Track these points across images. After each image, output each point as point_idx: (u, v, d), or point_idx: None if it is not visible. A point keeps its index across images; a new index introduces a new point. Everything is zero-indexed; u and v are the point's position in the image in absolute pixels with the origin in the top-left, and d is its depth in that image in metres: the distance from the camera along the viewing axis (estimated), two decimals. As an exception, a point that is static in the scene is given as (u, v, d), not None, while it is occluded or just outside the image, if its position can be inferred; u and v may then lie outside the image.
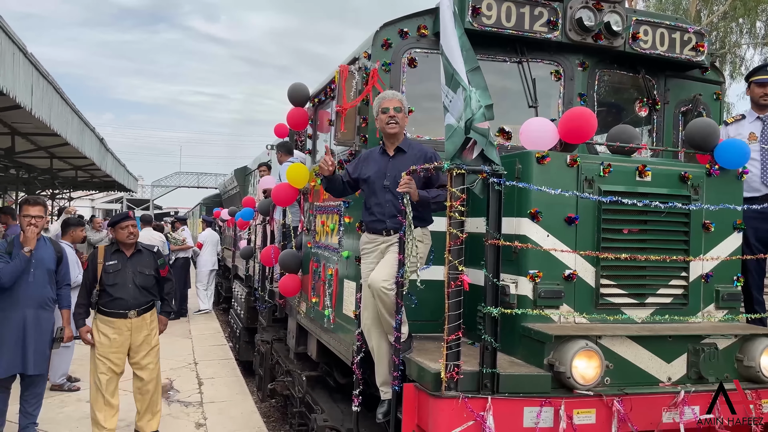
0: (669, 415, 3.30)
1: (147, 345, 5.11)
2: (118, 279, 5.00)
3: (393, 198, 3.74)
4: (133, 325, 5.02)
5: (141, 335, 5.07)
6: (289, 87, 5.67)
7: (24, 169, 19.60)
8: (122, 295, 4.98)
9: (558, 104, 4.46)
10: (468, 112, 3.13)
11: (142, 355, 5.09)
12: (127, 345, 5.03)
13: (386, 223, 3.79)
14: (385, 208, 3.79)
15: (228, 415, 6.08)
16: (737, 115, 4.94)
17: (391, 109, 3.76)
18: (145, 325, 5.11)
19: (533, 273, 3.44)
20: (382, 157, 3.89)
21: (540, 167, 3.48)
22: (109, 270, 5.00)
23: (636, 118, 4.82)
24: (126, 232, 5.07)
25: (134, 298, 5.03)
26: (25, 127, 11.88)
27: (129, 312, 5.00)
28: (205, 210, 20.02)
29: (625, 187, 3.58)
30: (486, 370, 3.09)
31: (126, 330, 5.00)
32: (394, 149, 3.85)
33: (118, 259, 5.07)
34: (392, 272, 3.59)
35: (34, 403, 4.99)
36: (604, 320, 3.53)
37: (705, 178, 3.79)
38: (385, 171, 3.82)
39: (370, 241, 3.90)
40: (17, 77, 7.48)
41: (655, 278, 3.67)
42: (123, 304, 4.99)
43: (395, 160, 3.84)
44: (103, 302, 5.00)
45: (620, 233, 3.59)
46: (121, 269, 5.03)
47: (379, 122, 3.82)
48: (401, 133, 3.85)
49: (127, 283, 5.02)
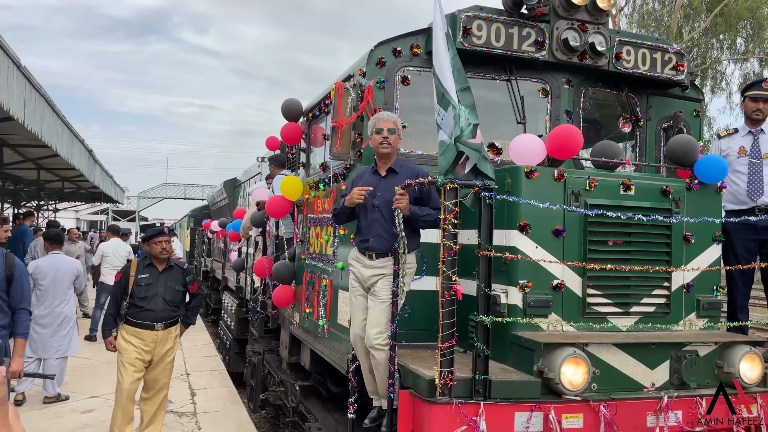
0: (653, 419, 3.44)
1: (167, 357, 5.19)
2: (150, 292, 5.08)
3: (381, 218, 3.82)
4: (159, 337, 5.09)
5: (164, 348, 5.14)
6: (283, 102, 5.79)
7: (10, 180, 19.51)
8: (152, 307, 5.06)
9: (545, 120, 4.63)
10: (457, 129, 3.29)
11: (160, 367, 5.16)
12: (149, 357, 5.10)
13: (369, 241, 3.85)
14: (371, 227, 3.86)
15: (222, 425, 6.13)
16: (731, 129, 5.14)
17: (385, 129, 3.85)
18: (170, 339, 5.19)
19: (523, 283, 3.58)
20: (374, 177, 3.97)
21: (529, 181, 3.63)
22: (141, 283, 5.08)
23: (619, 133, 5.01)
24: (159, 247, 5.15)
25: (162, 311, 5.10)
26: (14, 138, 11.88)
27: (156, 324, 5.07)
28: (194, 221, 20.01)
29: (610, 201, 3.74)
30: (478, 377, 3.22)
31: (152, 342, 5.07)
32: (386, 169, 3.94)
33: (150, 273, 5.15)
34: (384, 321, 3.67)
35: None
36: (591, 328, 3.67)
37: (685, 192, 3.96)
38: (376, 191, 3.90)
39: (357, 259, 3.97)
40: (11, 90, 7.54)
41: (639, 288, 3.83)
42: (152, 316, 5.06)
43: (386, 180, 3.91)
44: (131, 313, 5.07)
45: (605, 245, 3.75)
46: (152, 283, 5.11)
47: (373, 142, 3.90)
48: (394, 154, 3.94)
49: (158, 297, 5.10)
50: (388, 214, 3.80)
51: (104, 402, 6.70)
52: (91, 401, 6.74)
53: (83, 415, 6.23)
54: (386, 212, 3.81)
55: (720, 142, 4.99)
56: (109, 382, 7.35)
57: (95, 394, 6.99)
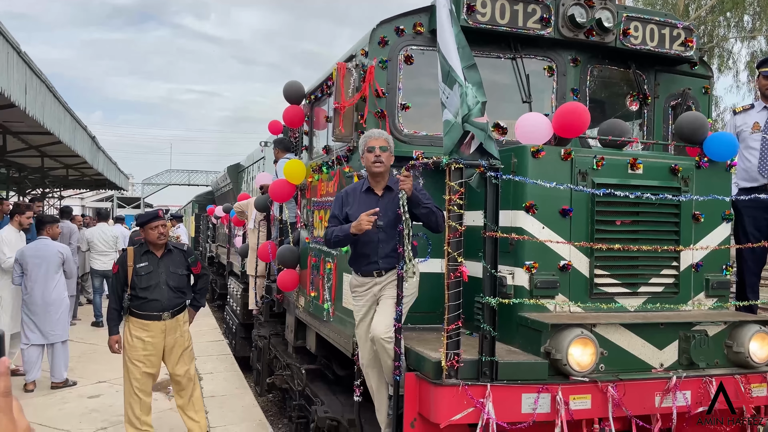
0: (661, 399, 3.41)
1: (180, 345, 5.02)
2: (151, 281, 4.83)
3: (387, 237, 3.76)
4: (168, 326, 4.91)
5: (174, 336, 4.97)
6: (284, 85, 5.73)
7: (14, 168, 19.52)
8: (156, 296, 4.84)
9: (551, 99, 4.56)
10: (464, 108, 3.22)
11: (176, 356, 5.00)
12: (161, 347, 4.92)
13: (378, 264, 3.79)
14: (378, 249, 3.79)
15: (229, 408, 6.15)
16: (747, 104, 5.07)
17: (377, 148, 3.76)
18: (178, 326, 5.00)
19: (529, 264, 3.54)
20: (369, 197, 3.87)
21: (535, 161, 3.57)
22: (141, 272, 4.83)
23: (627, 112, 4.93)
24: (156, 232, 4.86)
25: (168, 299, 4.88)
26: (17, 126, 11.85)
27: (163, 314, 4.87)
28: (198, 207, 20.00)
29: (618, 180, 3.68)
30: (485, 359, 3.19)
31: (160, 332, 4.88)
32: (383, 188, 3.86)
33: (149, 260, 4.89)
34: (392, 321, 3.62)
35: None
36: (598, 309, 3.63)
37: (694, 170, 3.90)
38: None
39: (360, 284, 3.90)
40: (11, 77, 7.49)
41: (647, 268, 3.78)
42: (157, 306, 4.85)
43: (384, 199, 3.84)
44: (136, 305, 4.84)
45: (613, 224, 3.70)
46: (153, 271, 4.86)
47: (365, 161, 3.82)
48: (387, 173, 3.86)
49: (161, 284, 4.86)
50: (392, 231, 3.74)
51: (110, 387, 6.73)
52: (97, 386, 6.78)
53: (90, 400, 6.26)
54: (390, 230, 3.76)
55: (735, 118, 4.93)
56: (115, 368, 7.38)
57: (102, 380, 7.02)
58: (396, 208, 3.72)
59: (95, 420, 5.51)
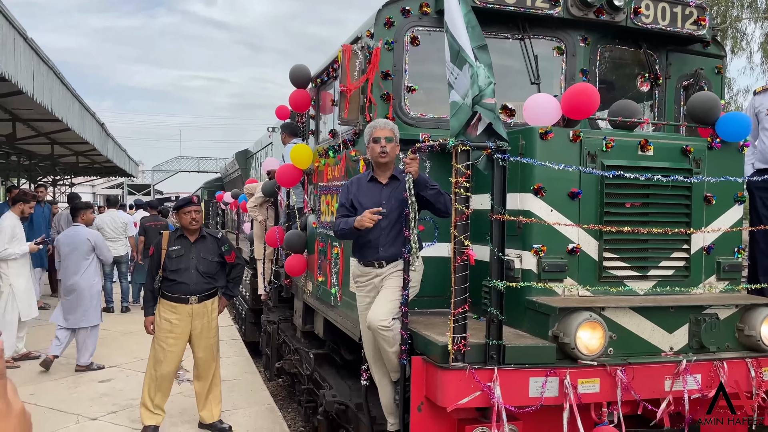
0: (671, 383, 3.38)
1: (207, 331, 5.05)
2: (181, 264, 4.94)
3: (389, 225, 3.75)
4: (195, 311, 4.97)
5: (201, 322, 5.01)
6: (290, 68, 5.68)
7: (25, 156, 19.61)
8: (185, 280, 4.93)
9: (560, 80, 4.48)
10: (475, 89, 3.16)
11: (201, 342, 5.05)
12: (188, 331, 4.98)
13: (379, 252, 3.77)
14: (381, 237, 3.77)
15: (238, 393, 6.18)
16: (766, 85, 4.98)
17: (382, 139, 3.74)
18: (206, 312, 5.05)
19: (537, 247, 3.50)
20: (374, 186, 3.86)
21: (543, 143, 3.52)
22: (173, 255, 4.95)
23: (638, 93, 4.84)
24: (188, 217, 4.97)
25: (196, 284, 4.96)
26: (26, 113, 11.88)
27: (191, 297, 4.94)
28: (207, 194, 20.06)
29: (628, 162, 3.63)
30: (492, 342, 3.16)
31: (187, 316, 4.95)
32: (389, 177, 3.84)
33: (181, 244, 5.01)
34: (390, 308, 3.62)
35: None
36: (607, 292, 3.59)
37: (706, 151, 3.83)
38: (380, 199, 3.81)
39: (362, 274, 3.89)
40: (18, 63, 7.48)
41: (657, 251, 3.73)
42: (185, 290, 4.93)
43: (389, 187, 3.83)
44: (166, 287, 4.97)
45: (623, 207, 3.64)
46: (184, 255, 4.97)
47: (370, 151, 3.80)
48: (392, 163, 3.85)
49: (190, 268, 4.95)
50: (396, 219, 3.75)
51: (121, 371, 6.79)
52: (108, 371, 6.83)
53: (101, 384, 6.31)
54: (394, 218, 3.76)
55: (754, 99, 4.85)
56: (125, 353, 7.46)
57: (113, 364, 7.08)
58: (400, 197, 3.71)
59: (106, 404, 5.56)
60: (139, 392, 5.97)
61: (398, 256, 3.75)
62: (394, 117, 4.15)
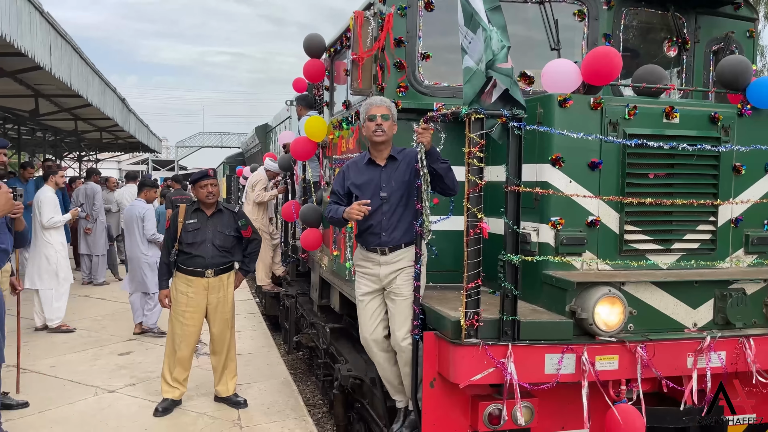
0: (694, 360, 3.25)
1: (222, 306, 5.03)
2: (197, 238, 4.90)
3: (390, 209, 3.65)
4: (210, 284, 4.95)
5: (217, 296, 5.00)
6: (304, 38, 5.55)
7: (50, 132, 19.84)
8: (200, 253, 4.90)
9: (582, 46, 4.29)
10: (488, 53, 3.01)
11: (216, 316, 5.03)
12: (204, 305, 4.97)
13: (381, 238, 3.66)
14: (382, 222, 3.67)
15: (254, 366, 6.20)
16: None
17: (378, 116, 3.61)
18: (222, 286, 5.01)
19: (555, 220, 3.37)
20: (372, 168, 3.74)
21: (562, 111, 3.37)
22: (189, 228, 4.91)
23: (664, 59, 4.62)
24: (205, 191, 4.92)
25: (212, 257, 4.92)
26: (47, 88, 11.94)
27: (206, 271, 4.92)
28: (229, 169, 20.13)
29: (652, 130, 3.46)
30: (506, 318, 3.07)
31: (203, 289, 4.93)
32: (386, 158, 3.72)
33: (198, 218, 4.96)
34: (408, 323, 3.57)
35: None
36: (628, 267, 3.46)
37: (736, 118, 3.63)
38: (379, 182, 3.69)
39: (365, 259, 3.78)
40: (35, 37, 7.46)
41: (682, 223, 3.57)
42: (200, 263, 4.91)
43: (388, 169, 3.71)
44: (181, 260, 4.95)
45: (646, 177, 3.49)
46: (200, 228, 4.93)
47: (366, 130, 3.68)
48: (389, 142, 3.71)
49: (206, 242, 4.92)
50: (397, 202, 3.65)
51: (141, 344, 6.86)
52: (127, 344, 6.90)
53: (120, 357, 6.38)
54: (395, 201, 3.65)
55: None
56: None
57: (132, 338, 7.16)
58: (401, 178, 3.63)
59: (124, 376, 5.61)
60: (157, 365, 6.03)
61: (402, 243, 3.66)
62: (408, 86, 4.02)
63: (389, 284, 3.69)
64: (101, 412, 4.94)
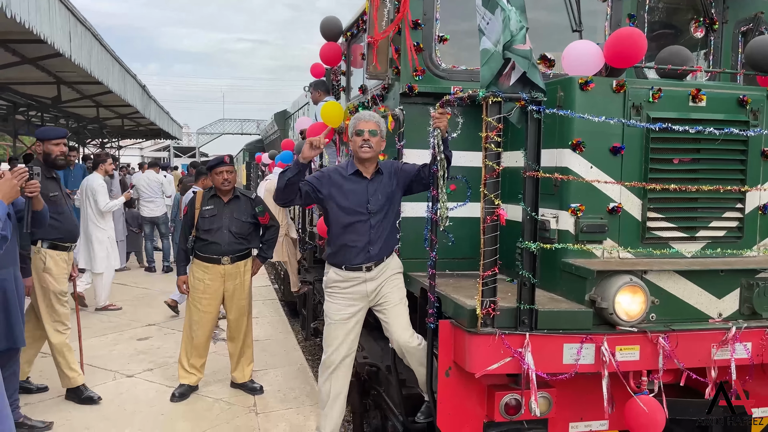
0: (718, 351, 3.15)
1: (240, 293, 5.01)
2: (214, 224, 4.88)
3: (378, 223, 3.63)
4: (227, 271, 4.93)
5: (234, 283, 4.97)
6: (321, 21, 5.48)
7: (73, 119, 20.04)
8: (217, 240, 4.87)
9: (605, 27, 4.16)
10: (506, 35, 2.91)
11: (233, 303, 5.02)
12: (220, 292, 4.95)
13: (369, 252, 3.62)
14: (370, 235, 3.62)
15: (271, 352, 6.22)
16: None
17: (366, 132, 3.57)
18: (239, 273, 4.99)
19: (575, 207, 3.27)
20: (358, 179, 3.68)
21: (583, 94, 3.26)
22: (206, 215, 4.89)
23: (691, 40, 4.47)
24: (221, 178, 4.89)
25: (228, 244, 4.89)
26: (69, 75, 12.03)
27: (223, 258, 4.90)
28: (248, 155, 20.18)
29: (677, 113, 3.33)
30: (524, 307, 3.00)
31: (219, 276, 4.91)
32: (373, 172, 3.69)
33: (214, 204, 4.93)
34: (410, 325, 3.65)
35: (15, 382, 4.24)
36: (651, 255, 3.35)
37: (765, 101, 3.49)
38: (367, 195, 3.65)
39: (345, 279, 3.71)
40: (54, 23, 7.48)
41: (708, 210, 3.46)
42: (217, 250, 4.88)
43: (375, 182, 3.67)
44: (198, 247, 4.93)
45: (670, 163, 3.37)
46: (217, 215, 4.90)
47: (353, 144, 3.63)
48: (375, 158, 3.67)
49: (223, 228, 4.89)
50: (383, 215, 3.64)
51: (159, 330, 6.91)
52: (147, 329, 6.96)
53: (139, 342, 6.44)
54: (382, 215, 3.64)
55: None
56: (165, 312, 7.59)
57: (151, 323, 7.22)
58: (387, 192, 3.63)
59: (143, 361, 5.66)
60: (176, 351, 6.07)
61: (384, 256, 3.69)
62: (424, 69, 3.93)
63: (375, 298, 3.70)
64: (119, 396, 4.98)
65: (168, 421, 4.53)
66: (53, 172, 4.77)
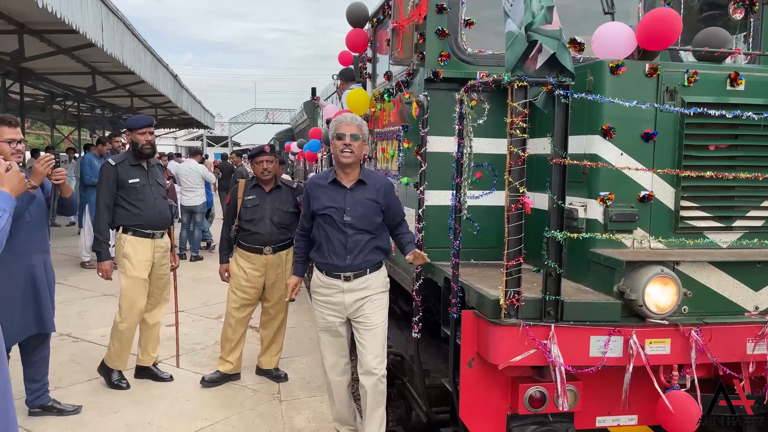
0: (755, 346, 3.02)
1: (280, 282, 4.98)
2: (256, 214, 4.87)
3: (357, 234, 3.56)
4: (269, 262, 4.89)
5: (276, 273, 4.95)
6: (347, 7, 5.42)
7: (108, 108, 20.42)
8: (259, 230, 4.86)
9: (638, 9, 4.01)
10: (528, 16, 2.81)
11: (273, 293, 5.01)
12: (262, 282, 4.95)
13: (345, 260, 3.56)
14: (346, 246, 3.55)
15: (296, 340, 6.23)
16: None
17: (347, 135, 3.47)
18: (281, 263, 4.95)
19: (604, 195, 3.17)
20: (336, 189, 3.60)
21: (614, 78, 3.14)
22: (248, 205, 4.88)
23: (730, 23, 4.27)
24: (260, 167, 4.86)
25: (270, 234, 4.86)
26: (103, 65, 12.23)
27: (264, 248, 4.87)
28: (278, 145, 20.29)
29: (714, 98, 3.19)
30: (549, 297, 2.91)
31: (262, 266, 4.90)
32: (354, 181, 3.59)
33: (256, 194, 4.92)
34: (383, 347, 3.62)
35: (45, 367, 4.32)
36: (684, 245, 3.22)
37: (809, 85, 3.32)
38: (344, 206, 3.56)
39: (324, 285, 3.67)
40: (86, 14, 7.58)
41: (745, 199, 3.31)
42: (259, 240, 4.85)
43: (355, 192, 3.58)
44: (241, 236, 4.93)
45: (706, 150, 3.24)
46: (258, 204, 4.89)
47: (333, 148, 3.54)
48: (357, 164, 3.57)
49: (264, 218, 4.86)
50: (363, 227, 3.56)
51: (188, 316, 6.98)
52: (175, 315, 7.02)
53: (167, 328, 6.46)
54: (361, 226, 3.56)
55: None
56: (194, 298, 7.67)
57: (180, 309, 7.27)
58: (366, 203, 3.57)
59: (170, 347, 5.71)
60: (203, 337, 6.15)
61: (367, 269, 3.62)
62: (450, 54, 3.84)
63: (354, 313, 3.63)
64: (146, 381, 5.04)
65: (194, 407, 4.58)
66: (139, 161, 4.89)
